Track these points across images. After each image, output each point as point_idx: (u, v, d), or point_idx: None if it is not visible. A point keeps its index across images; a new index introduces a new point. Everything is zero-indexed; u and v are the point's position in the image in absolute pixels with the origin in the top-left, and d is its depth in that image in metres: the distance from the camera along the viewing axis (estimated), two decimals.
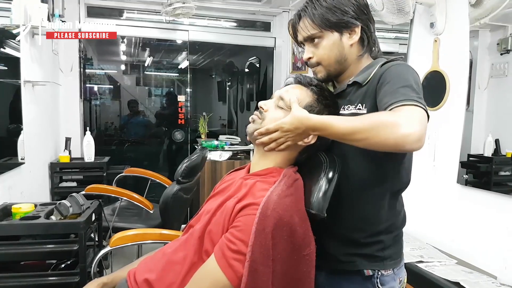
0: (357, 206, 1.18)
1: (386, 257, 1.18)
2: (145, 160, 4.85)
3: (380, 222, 1.17)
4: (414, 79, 1.05)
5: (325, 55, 1.19)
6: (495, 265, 1.97)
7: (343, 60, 1.20)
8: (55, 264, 1.91)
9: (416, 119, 0.94)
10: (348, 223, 1.19)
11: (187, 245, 1.13)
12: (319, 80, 1.24)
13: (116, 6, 4.02)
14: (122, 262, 1.56)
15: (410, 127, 0.92)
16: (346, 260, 1.18)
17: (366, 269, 1.16)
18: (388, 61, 1.17)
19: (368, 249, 1.17)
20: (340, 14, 1.15)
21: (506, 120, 2.03)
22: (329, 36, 1.17)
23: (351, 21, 1.16)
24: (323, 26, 1.16)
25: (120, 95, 5.10)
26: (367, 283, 1.17)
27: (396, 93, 1.01)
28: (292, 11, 4.23)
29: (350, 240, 1.18)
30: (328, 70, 1.21)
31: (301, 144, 1.15)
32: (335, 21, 1.15)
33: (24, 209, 1.91)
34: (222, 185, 1.26)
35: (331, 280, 1.23)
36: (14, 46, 2.52)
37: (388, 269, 1.18)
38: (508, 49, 1.96)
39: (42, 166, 3.19)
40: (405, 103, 0.97)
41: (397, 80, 1.05)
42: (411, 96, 0.99)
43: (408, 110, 0.96)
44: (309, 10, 1.17)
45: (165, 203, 2.44)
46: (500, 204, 1.99)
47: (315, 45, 1.20)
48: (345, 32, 1.17)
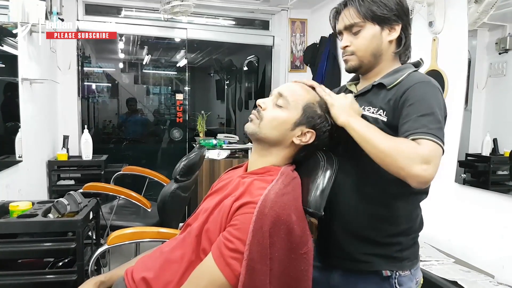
0: (376, 205, 1.19)
1: (404, 258, 1.19)
2: (143, 159, 4.85)
3: (399, 224, 1.19)
4: (437, 104, 1.07)
5: (363, 45, 1.21)
6: (492, 264, 1.97)
7: (378, 54, 1.22)
8: (52, 262, 1.90)
9: (431, 160, 0.97)
10: (366, 222, 1.20)
11: (185, 244, 1.13)
12: (348, 69, 1.27)
13: (114, 4, 4.01)
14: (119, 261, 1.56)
15: (421, 169, 0.96)
16: (364, 260, 1.19)
17: (384, 269, 1.17)
18: (415, 71, 1.19)
19: (387, 249, 1.18)
20: (386, 9, 1.17)
21: (504, 120, 2.04)
22: (370, 27, 1.19)
23: (394, 18, 1.19)
24: (367, 17, 1.18)
25: (118, 93, 5.09)
26: (385, 284, 1.18)
27: (418, 122, 1.03)
28: (291, 9, 4.24)
29: (368, 240, 1.19)
30: (361, 61, 1.23)
31: (299, 143, 1.15)
32: (379, 14, 1.18)
33: (21, 207, 1.90)
34: (219, 184, 1.26)
35: (346, 279, 1.24)
36: (11, 44, 2.51)
37: (405, 270, 1.19)
38: (507, 48, 1.96)
39: (39, 164, 3.18)
40: (425, 137, 1.00)
41: (421, 105, 1.06)
42: (432, 128, 1.01)
43: (426, 148, 0.99)
44: (357, 0, 1.20)
45: (163, 201, 2.44)
46: (498, 203, 2.00)
47: (354, 34, 1.21)
48: (386, 28, 1.20)
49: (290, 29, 4.30)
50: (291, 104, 1.14)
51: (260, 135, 1.15)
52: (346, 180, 1.22)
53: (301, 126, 1.14)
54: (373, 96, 1.21)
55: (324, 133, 1.16)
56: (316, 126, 1.15)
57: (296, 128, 1.14)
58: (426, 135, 1.00)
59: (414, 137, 1.01)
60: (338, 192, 1.23)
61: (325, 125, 1.16)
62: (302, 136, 1.15)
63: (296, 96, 1.15)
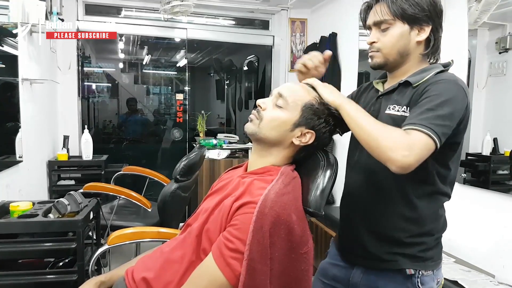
0: (401, 206, 1.20)
1: (428, 258, 1.21)
2: (143, 159, 4.85)
3: (424, 224, 1.20)
4: (454, 103, 1.07)
5: (390, 43, 1.20)
6: (493, 263, 1.97)
7: (405, 54, 1.21)
8: (53, 262, 1.90)
9: (414, 149, 0.99)
10: (392, 223, 1.21)
11: (185, 244, 1.13)
12: (373, 65, 1.26)
13: (114, 4, 4.01)
14: (120, 261, 1.56)
15: (402, 155, 0.99)
16: (389, 259, 1.21)
17: (408, 268, 1.18)
18: (443, 71, 1.18)
19: (411, 249, 1.19)
20: (417, 9, 1.16)
21: (505, 119, 2.04)
22: (399, 26, 1.18)
23: (425, 19, 1.17)
24: (397, 15, 1.17)
25: (118, 93, 5.09)
26: (407, 283, 1.19)
27: (422, 114, 1.05)
28: (291, 9, 4.23)
29: (393, 240, 1.21)
30: (386, 58, 1.23)
31: (298, 143, 1.15)
32: (410, 13, 1.16)
33: (22, 207, 1.90)
34: (219, 184, 1.26)
35: (367, 277, 1.25)
36: (12, 44, 2.52)
37: (428, 270, 1.20)
38: (507, 48, 1.96)
39: (40, 164, 3.18)
40: (418, 128, 1.02)
41: (433, 100, 1.07)
42: (431, 123, 1.02)
43: (414, 137, 1.01)
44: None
45: (163, 201, 2.44)
46: (498, 202, 2.00)
47: (382, 30, 1.21)
48: (415, 28, 1.18)
49: (290, 29, 4.30)
50: (291, 105, 1.14)
51: (260, 135, 1.15)
52: (369, 180, 1.24)
53: (301, 127, 1.14)
54: (398, 95, 1.21)
55: (324, 133, 1.16)
56: (315, 127, 1.14)
57: (295, 129, 1.14)
58: (420, 127, 1.02)
59: (409, 127, 1.03)
60: (361, 192, 1.27)
61: (324, 125, 1.16)
62: (301, 137, 1.15)
63: (295, 96, 1.15)
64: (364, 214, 1.27)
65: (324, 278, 1.40)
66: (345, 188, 1.37)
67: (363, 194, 1.27)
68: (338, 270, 1.35)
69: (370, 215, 1.25)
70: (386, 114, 1.21)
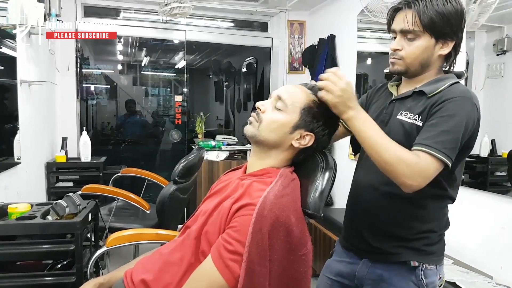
0: (406, 205, 1.23)
1: (431, 252, 1.25)
2: (142, 160, 4.85)
3: (428, 221, 1.25)
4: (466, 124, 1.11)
5: (414, 54, 1.20)
6: (491, 265, 1.98)
7: (426, 65, 1.22)
8: (51, 264, 1.90)
9: (423, 174, 1.07)
10: (397, 221, 1.26)
11: (184, 246, 1.13)
12: (393, 71, 1.27)
13: (113, 5, 4.01)
14: (118, 263, 1.55)
15: (412, 180, 1.07)
16: (394, 251, 1.25)
17: (412, 260, 1.22)
18: (457, 82, 1.20)
19: (416, 243, 1.24)
20: (446, 24, 1.16)
21: (502, 121, 2.04)
22: (426, 39, 1.18)
23: (450, 34, 1.18)
24: (426, 27, 1.16)
25: (116, 95, 5.09)
26: (411, 275, 1.23)
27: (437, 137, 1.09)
28: (289, 11, 4.24)
29: (398, 237, 1.25)
30: (407, 68, 1.23)
31: (298, 146, 1.15)
32: (439, 28, 1.16)
33: (20, 209, 1.90)
34: (218, 185, 1.26)
35: (373, 270, 1.29)
36: (10, 46, 2.51)
37: (432, 264, 1.24)
38: (504, 50, 1.97)
39: (38, 166, 3.18)
40: (433, 152, 1.08)
41: (448, 121, 1.11)
42: (445, 147, 1.08)
43: (427, 164, 1.08)
44: (421, 6, 1.16)
45: (161, 203, 2.43)
46: (496, 204, 2.00)
47: (408, 39, 1.20)
48: (440, 42, 1.19)
49: (289, 31, 4.31)
50: (290, 108, 1.13)
51: (259, 137, 1.15)
52: (377, 178, 1.26)
53: (300, 129, 1.14)
54: (412, 103, 1.23)
55: (323, 136, 1.16)
56: (314, 129, 1.14)
57: (295, 131, 1.14)
58: (435, 151, 1.08)
59: (423, 148, 1.09)
60: (368, 190, 1.31)
61: (323, 128, 1.16)
62: (301, 139, 1.15)
63: (294, 99, 1.14)
64: (370, 211, 1.30)
65: (330, 274, 1.43)
66: (353, 184, 1.41)
67: (370, 192, 1.30)
68: (343, 265, 1.39)
69: (376, 213, 1.29)
70: (398, 119, 1.23)
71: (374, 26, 3.12)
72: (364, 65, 3.34)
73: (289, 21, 4.30)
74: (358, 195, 1.38)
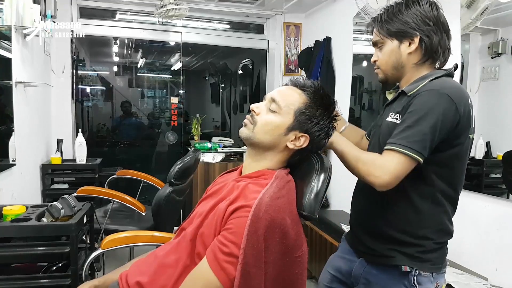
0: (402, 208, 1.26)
1: (426, 260, 1.24)
2: (138, 162, 4.83)
3: (423, 227, 1.25)
4: (430, 115, 1.14)
5: (383, 60, 1.32)
6: (486, 266, 1.98)
7: (399, 67, 1.30)
8: (46, 266, 1.89)
9: (384, 169, 1.13)
10: (391, 223, 1.27)
11: (179, 248, 1.13)
12: (379, 81, 1.39)
13: (108, 7, 4.00)
14: (114, 265, 1.55)
15: (378, 177, 1.13)
16: (387, 254, 1.27)
17: (404, 265, 1.23)
18: (439, 77, 1.23)
19: (410, 249, 1.24)
20: (400, 24, 1.26)
21: (497, 123, 2.05)
22: (389, 43, 1.30)
23: (410, 31, 1.26)
24: (384, 34, 1.30)
25: (112, 97, 5.08)
26: (403, 279, 1.24)
27: (401, 133, 1.15)
28: (285, 14, 4.25)
29: (393, 238, 1.26)
30: (385, 74, 1.34)
31: (293, 147, 1.15)
32: (395, 30, 1.28)
33: (15, 211, 1.89)
34: (214, 187, 1.26)
35: (368, 270, 1.33)
36: (5, 47, 2.51)
37: (426, 271, 1.24)
38: (499, 52, 1.98)
39: (33, 167, 3.16)
40: (394, 147, 1.14)
41: (413, 115, 1.16)
42: (409, 141, 1.13)
43: (386, 159, 1.14)
44: (379, 18, 1.32)
45: (157, 205, 2.43)
46: (491, 206, 2.01)
47: (379, 49, 1.33)
48: (405, 41, 1.27)
49: (285, 33, 4.32)
50: (284, 109, 1.14)
51: (254, 139, 1.15)
52: None
53: (295, 131, 1.14)
54: (397, 103, 1.31)
55: (318, 137, 1.16)
56: (309, 130, 1.15)
57: (289, 133, 1.14)
58: (396, 146, 1.14)
59: (387, 147, 1.16)
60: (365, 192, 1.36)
61: (318, 129, 1.16)
62: (296, 141, 1.15)
63: (288, 101, 1.15)
64: (365, 213, 1.36)
65: (331, 269, 1.50)
66: (356, 186, 1.46)
67: (366, 194, 1.35)
68: (343, 262, 1.44)
69: (370, 215, 1.33)
70: (386, 121, 1.31)
71: None
72: (360, 67, 3.35)
73: (285, 23, 4.31)
74: (356, 196, 1.44)
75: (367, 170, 1.15)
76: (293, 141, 1.15)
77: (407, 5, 1.27)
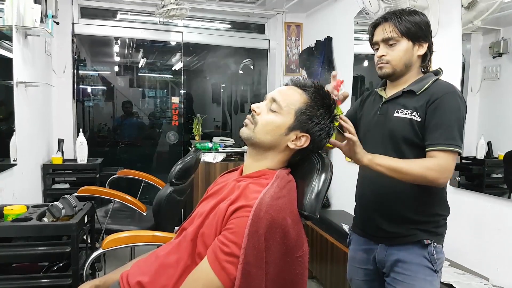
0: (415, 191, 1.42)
1: (439, 233, 1.47)
2: (139, 162, 4.83)
3: (434, 205, 1.46)
4: (461, 115, 1.37)
5: (398, 57, 1.45)
6: (487, 266, 1.98)
7: (409, 65, 1.47)
8: (47, 266, 1.89)
9: (447, 169, 1.33)
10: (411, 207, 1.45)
11: (180, 248, 1.13)
12: (381, 75, 1.52)
13: (109, 7, 4.01)
14: (114, 265, 1.55)
15: (442, 179, 1.33)
16: (410, 233, 1.45)
17: (425, 238, 1.43)
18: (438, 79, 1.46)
19: (427, 225, 1.45)
20: (418, 29, 1.44)
21: (498, 123, 2.05)
22: (405, 42, 1.44)
23: (423, 37, 1.45)
24: (403, 33, 1.43)
25: (113, 97, 5.07)
26: (424, 251, 1.43)
27: (441, 135, 1.35)
28: (286, 13, 4.25)
29: (414, 220, 1.45)
30: (394, 69, 1.47)
31: (293, 147, 1.15)
32: (413, 33, 1.43)
33: (16, 211, 1.89)
34: (215, 187, 1.26)
35: (389, 252, 1.48)
36: (6, 47, 2.51)
37: (440, 243, 1.46)
38: (500, 52, 1.98)
39: (34, 167, 3.17)
40: (444, 148, 1.33)
41: (447, 116, 1.36)
42: (451, 139, 1.34)
43: (443, 160, 1.33)
44: (396, 18, 1.44)
45: (158, 205, 2.43)
46: (492, 206, 2.01)
47: (390, 46, 1.46)
48: (417, 44, 1.45)
49: (286, 33, 4.32)
50: (284, 109, 1.14)
51: (255, 139, 1.15)
52: None
53: (295, 131, 1.14)
54: (405, 100, 1.46)
55: (319, 136, 1.16)
56: (310, 130, 1.14)
57: (290, 132, 1.14)
58: (446, 146, 1.33)
59: (440, 147, 1.34)
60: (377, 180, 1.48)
61: (319, 128, 1.15)
62: (296, 140, 1.15)
63: (288, 101, 1.14)
64: (382, 201, 1.50)
65: (359, 264, 1.63)
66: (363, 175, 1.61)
67: (378, 182, 1.49)
68: (361, 253, 1.60)
69: (388, 201, 1.48)
70: (396, 117, 1.46)
71: None
72: (361, 67, 3.35)
73: (286, 23, 4.30)
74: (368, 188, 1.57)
75: (436, 175, 1.31)
76: (294, 141, 1.15)
77: (416, 13, 1.46)
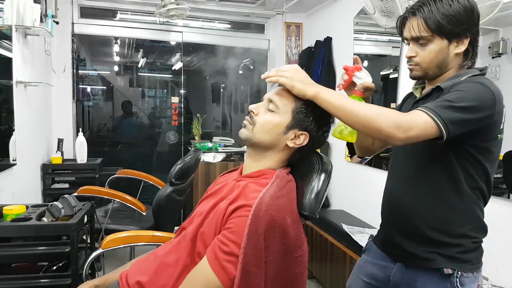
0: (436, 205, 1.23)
1: (466, 260, 1.21)
2: (138, 162, 4.82)
3: (461, 224, 1.22)
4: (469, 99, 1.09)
5: (428, 59, 1.21)
6: (486, 266, 1.97)
7: (443, 66, 1.22)
8: (46, 266, 1.89)
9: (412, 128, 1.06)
10: (427, 223, 1.23)
11: (180, 248, 1.13)
12: (412, 77, 1.29)
13: (109, 7, 4.01)
14: (114, 264, 1.55)
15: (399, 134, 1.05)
16: (427, 257, 1.23)
17: (446, 267, 1.19)
18: (477, 75, 1.19)
19: (449, 249, 1.21)
20: (455, 23, 1.16)
21: None
22: (438, 42, 1.19)
23: (463, 32, 1.17)
24: (435, 31, 1.17)
25: (113, 96, 5.07)
26: (446, 282, 1.19)
27: (435, 103, 1.10)
28: (286, 13, 4.25)
29: (430, 240, 1.23)
30: (425, 72, 1.24)
31: (293, 146, 1.15)
32: (449, 29, 1.16)
33: (15, 211, 1.89)
34: (215, 187, 1.26)
35: (407, 275, 1.27)
36: (6, 47, 2.51)
37: (468, 272, 1.20)
38: (500, 52, 1.98)
39: (34, 167, 3.17)
40: (422, 109, 1.08)
41: (455, 96, 1.10)
42: (440, 111, 1.07)
43: (413, 117, 1.07)
44: (425, 11, 1.18)
45: (158, 205, 2.43)
46: (492, 206, 2.00)
47: (420, 45, 1.22)
48: (454, 41, 1.19)
49: (286, 33, 4.32)
50: (281, 109, 1.14)
51: (254, 140, 1.15)
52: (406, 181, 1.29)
53: (294, 129, 1.14)
54: (432, 99, 1.22)
55: (317, 133, 1.16)
56: (308, 128, 1.15)
57: (289, 131, 1.14)
58: (426, 109, 1.07)
59: (418, 108, 1.09)
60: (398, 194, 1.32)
61: (317, 125, 1.16)
62: (295, 139, 1.15)
63: (285, 100, 1.15)
64: (401, 215, 1.30)
65: (365, 277, 1.42)
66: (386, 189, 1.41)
67: (400, 196, 1.31)
68: (377, 269, 1.38)
69: (406, 216, 1.28)
70: None
71: (371, 28, 3.14)
72: None
73: (286, 23, 4.30)
74: (389, 198, 1.39)
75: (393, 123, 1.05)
76: (293, 140, 1.15)
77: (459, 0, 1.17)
